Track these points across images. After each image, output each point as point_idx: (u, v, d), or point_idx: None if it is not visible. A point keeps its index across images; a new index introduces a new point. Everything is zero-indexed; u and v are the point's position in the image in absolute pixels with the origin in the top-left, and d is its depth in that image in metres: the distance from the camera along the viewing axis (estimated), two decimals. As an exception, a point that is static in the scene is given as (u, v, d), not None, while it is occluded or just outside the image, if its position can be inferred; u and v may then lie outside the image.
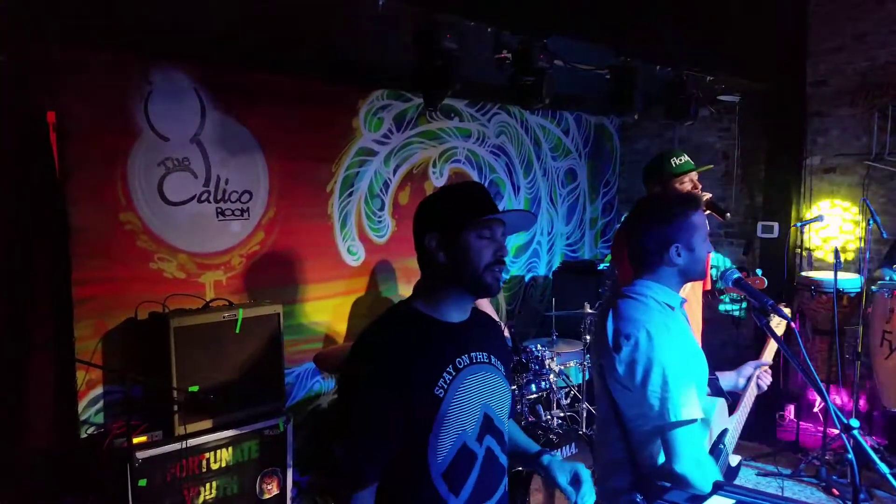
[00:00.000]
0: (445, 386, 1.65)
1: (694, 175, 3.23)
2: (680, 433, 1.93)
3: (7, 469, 3.29)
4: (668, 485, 2.01)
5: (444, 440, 1.64)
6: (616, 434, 2.09)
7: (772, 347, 2.68)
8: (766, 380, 2.56)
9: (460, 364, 1.70)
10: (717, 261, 6.02)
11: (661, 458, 2.02)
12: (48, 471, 3.41)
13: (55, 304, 3.49)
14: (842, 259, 4.71)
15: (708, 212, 3.19)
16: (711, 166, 3.65)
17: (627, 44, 4.13)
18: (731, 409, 2.44)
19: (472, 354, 1.75)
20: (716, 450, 2.24)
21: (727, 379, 2.53)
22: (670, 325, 2.02)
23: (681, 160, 3.22)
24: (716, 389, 2.43)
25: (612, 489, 2.13)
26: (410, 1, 3.06)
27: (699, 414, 1.95)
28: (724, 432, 2.32)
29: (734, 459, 2.37)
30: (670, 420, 1.92)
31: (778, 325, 2.50)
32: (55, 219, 3.46)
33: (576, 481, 1.84)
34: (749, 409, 2.49)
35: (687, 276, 2.14)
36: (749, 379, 2.53)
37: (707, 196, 3.15)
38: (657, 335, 1.96)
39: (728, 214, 3.22)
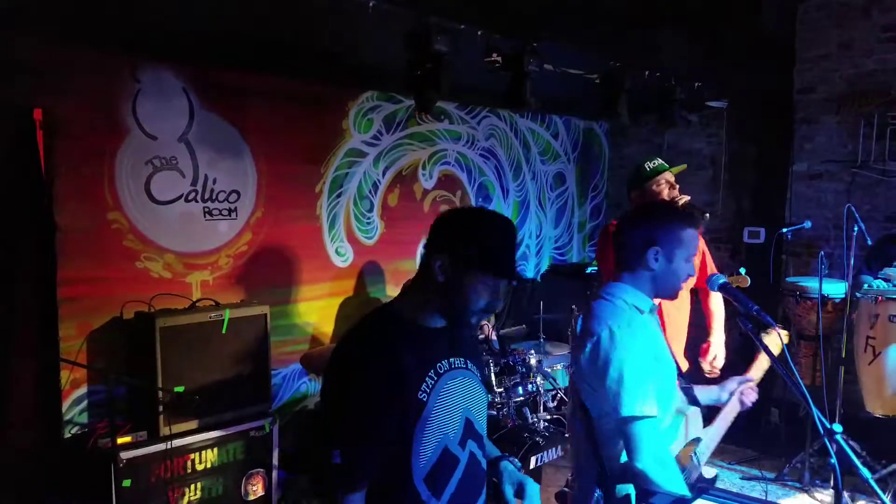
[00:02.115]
0: (428, 390, 1.67)
1: (668, 176, 3.27)
2: (638, 428, 1.96)
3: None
4: (657, 491, 2.02)
5: (426, 444, 1.65)
6: (590, 447, 2.09)
7: (761, 363, 2.64)
8: (751, 396, 2.52)
9: (441, 369, 1.72)
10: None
11: (623, 458, 2.04)
12: (31, 471, 3.38)
13: (40, 304, 3.46)
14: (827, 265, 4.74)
15: None
16: (685, 166, 3.66)
17: (617, 50, 4.15)
18: (709, 421, 2.43)
19: (451, 360, 1.76)
20: (687, 457, 2.24)
21: (709, 393, 2.52)
22: (634, 325, 2.06)
23: (654, 163, 3.27)
24: (691, 398, 2.42)
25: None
26: (401, 3, 3.06)
27: (654, 412, 1.98)
28: (696, 440, 2.31)
29: (709, 472, 2.35)
30: (624, 414, 1.96)
31: (772, 343, 2.36)
32: (41, 217, 3.43)
33: (520, 494, 1.83)
34: (728, 424, 2.46)
35: (657, 286, 2.14)
36: (732, 394, 2.50)
37: (685, 199, 3.15)
38: (618, 332, 2.02)
39: (707, 215, 3.23)
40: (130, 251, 3.80)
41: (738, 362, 5.88)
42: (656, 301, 2.21)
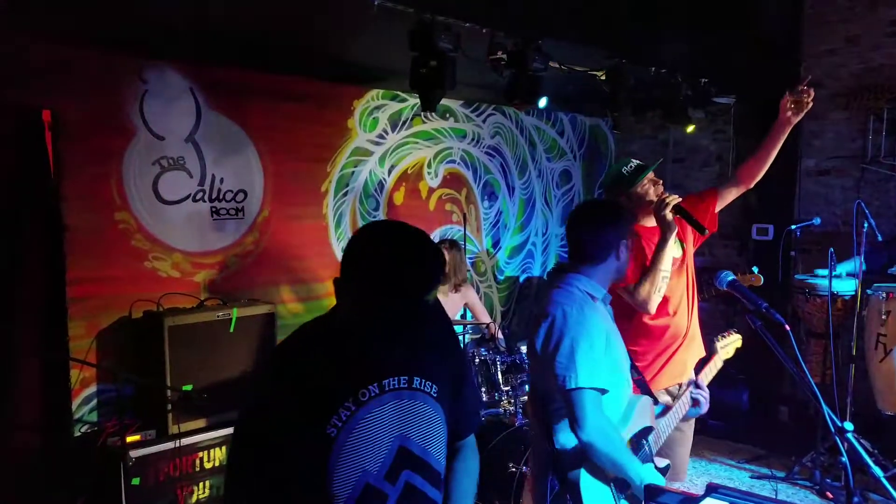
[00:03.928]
0: (340, 424, 1.46)
1: (650, 175, 3.22)
2: (582, 399, 2.07)
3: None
4: (667, 487, 2.02)
5: (341, 482, 1.47)
6: (543, 430, 2.23)
7: (711, 368, 2.74)
8: (700, 401, 2.55)
9: (365, 396, 1.49)
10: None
11: (574, 443, 2.13)
12: (41, 469, 3.40)
13: (47, 304, 3.47)
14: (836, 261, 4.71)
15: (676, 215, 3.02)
16: (661, 160, 3.61)
17: (622, 47, 4.14)
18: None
19: (385, 382, 1.52)
20: (637, 444, 2.28)
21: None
22: (586, 308, 2.21)
23: (631, 167, 3.19)
24: (644, 389, 2.49)
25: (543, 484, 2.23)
26: (405, 1, 3.06)
27: (601, 385, 2.10)
28: (648, 429, 2.35)
29: (661, 462, 2.39)
30: (571, 386, 2.08)
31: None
32: (49, 218, 3.45)
33: None
34: (677, 419, 2.52)
35: (619, 274, 2.35)
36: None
37: (676, 198, 2.99)
38: (570, 313, 2.17)
39: (707, 232, 3.09)
40: (138, 251, 3.81)
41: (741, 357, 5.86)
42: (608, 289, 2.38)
